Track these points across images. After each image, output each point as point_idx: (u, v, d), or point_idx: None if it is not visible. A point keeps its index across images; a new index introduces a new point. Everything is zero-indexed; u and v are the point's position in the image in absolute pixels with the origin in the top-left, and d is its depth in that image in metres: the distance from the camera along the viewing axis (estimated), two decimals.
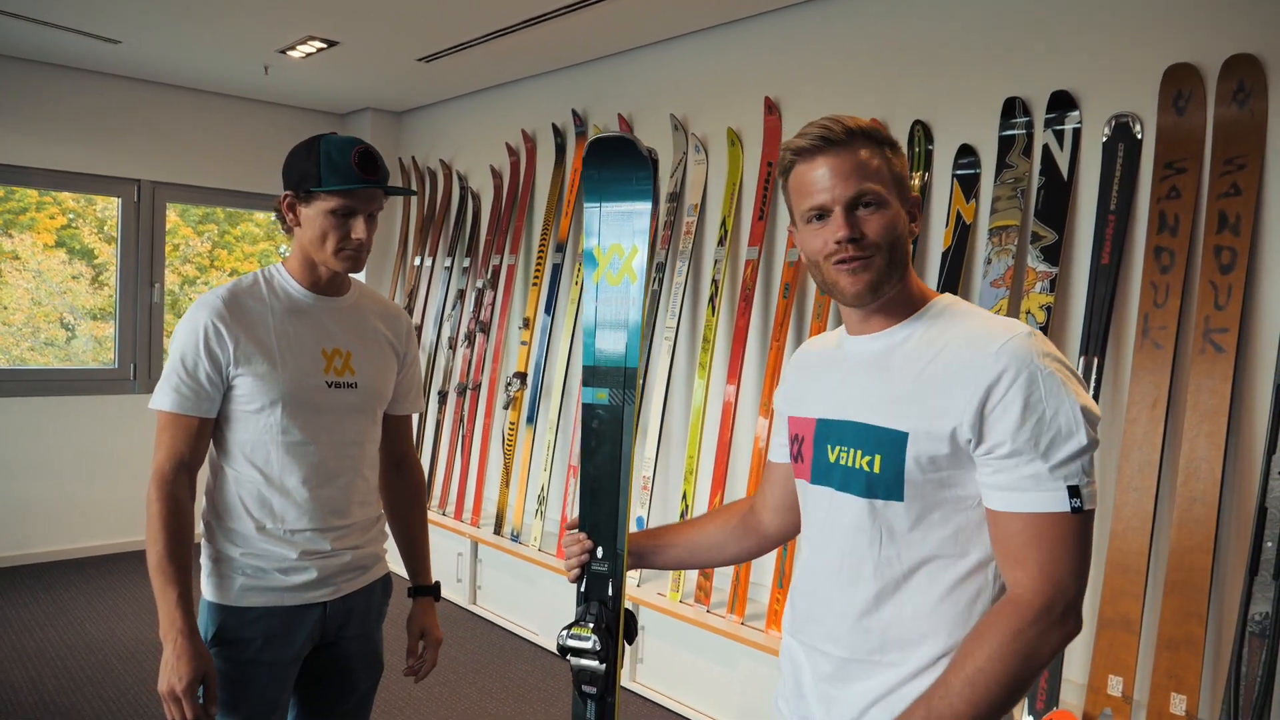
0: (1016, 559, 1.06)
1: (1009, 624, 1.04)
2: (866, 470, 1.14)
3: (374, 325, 1.74)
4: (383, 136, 5.59)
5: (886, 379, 1.14)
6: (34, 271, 5.21)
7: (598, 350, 1.40)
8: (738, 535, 1.45)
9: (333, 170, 1.55)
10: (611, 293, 1.39)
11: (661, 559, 1.46)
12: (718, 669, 3.11)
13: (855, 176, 1.13)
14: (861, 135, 1.14)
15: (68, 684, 3.32)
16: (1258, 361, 2.29)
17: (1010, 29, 2.81)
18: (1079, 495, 1.04)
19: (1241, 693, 2.15)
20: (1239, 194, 2.30)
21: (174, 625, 1.49)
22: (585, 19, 3.66)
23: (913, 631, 1.12)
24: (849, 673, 1.16)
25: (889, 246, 1.13)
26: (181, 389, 1.55)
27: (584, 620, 1.35)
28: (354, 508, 1.68)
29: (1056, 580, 1.05)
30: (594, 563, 1.37)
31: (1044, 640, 1.04)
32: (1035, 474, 1.04)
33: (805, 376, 1.30)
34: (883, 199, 1.13)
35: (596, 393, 1.39)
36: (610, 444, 1.37)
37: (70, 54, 4.52)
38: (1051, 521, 1.04)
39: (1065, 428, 1.04)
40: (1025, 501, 1.05)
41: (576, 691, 1.36)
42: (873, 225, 1.13)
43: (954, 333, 1.12)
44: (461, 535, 4.29)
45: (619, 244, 1.38)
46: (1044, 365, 1.05)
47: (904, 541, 1.13)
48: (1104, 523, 2.51)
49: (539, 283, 4.35)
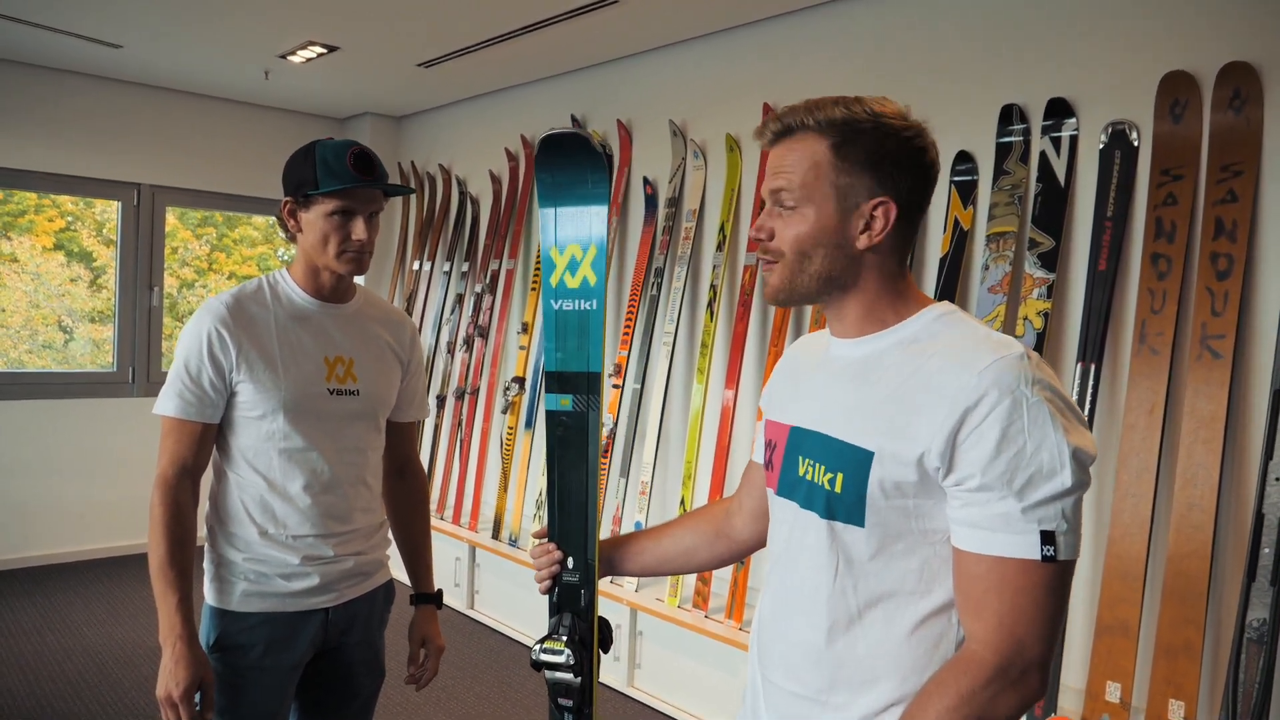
0: (976, 607, 0.95)
1: (959, 685, 0.94)
2: (827, 489, 1.04)
3: (377, 332, 1.74)
4: (382, 141, 5.60)
5: (862, 391, 1.04)
6: (32, 274, 5.21)
7: (560, 356, 1.35)
8: (709, 541, 1.37)
9: (329, 172, 1.56)
10: (571, 295, 1.34)
11: (630, 566, 1.39)
12: (716, 674, 3.12)
13: (782, 172, 1.05)
14: (808, 126, 1.03)
15: (65, 688, 3.31)
16: (1255, 368, 2.30)
17: (1008, 36, 2.82)
18: (1053, 543, 0.92)
19: (1239, 699, 2.16)
20: (1235, 201, 2.31)
21: (173, 630, 1.49)
22: (585, 25, 3.67)
23: (865, 673, 1.03)
24: (795, 711, 1.08)
25: (798, 255, 1.04)
26: (185, 395, 1.56)
27: (556, 633, 1.31)
28: (356, 514, 1.69)
29: (1017, 638, 0.93)
30: (564, 573, 1.33)
31: (997, 704, 0.93)
32: (1006, 513, 0.92)
33: (789, 379, 1.21)
34: (798, 202, 1.03)
35: (560, 399, 1.34)
36: (576, 451, 1.33)
37: (71, 58, 4.52)
38: (1018, 569, 0.92)
39: (1047, 466, 0.92)
40: (991, 543, 0.93)
41: (553, 705, 1.33)
42: (779, 229, 1.05)
43: (940, 347, 1.00)
44: (460, 540, 4.29)
45: (576, 244, 1.33)
46: (1031, 393, 0.93)
47: (861, 572, 1.02)
48: (1102, 529, 2.51)
49: (538, 287, 4.35)
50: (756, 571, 3.25)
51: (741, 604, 3.11)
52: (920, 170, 1.05)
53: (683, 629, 3.18)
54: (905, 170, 1.03)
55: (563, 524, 1.35)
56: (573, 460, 1.34)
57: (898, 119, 1.03)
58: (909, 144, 1.03)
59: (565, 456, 1.34)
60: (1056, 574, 0.93)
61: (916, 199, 1.05)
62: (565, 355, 1.34)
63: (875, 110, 1.03)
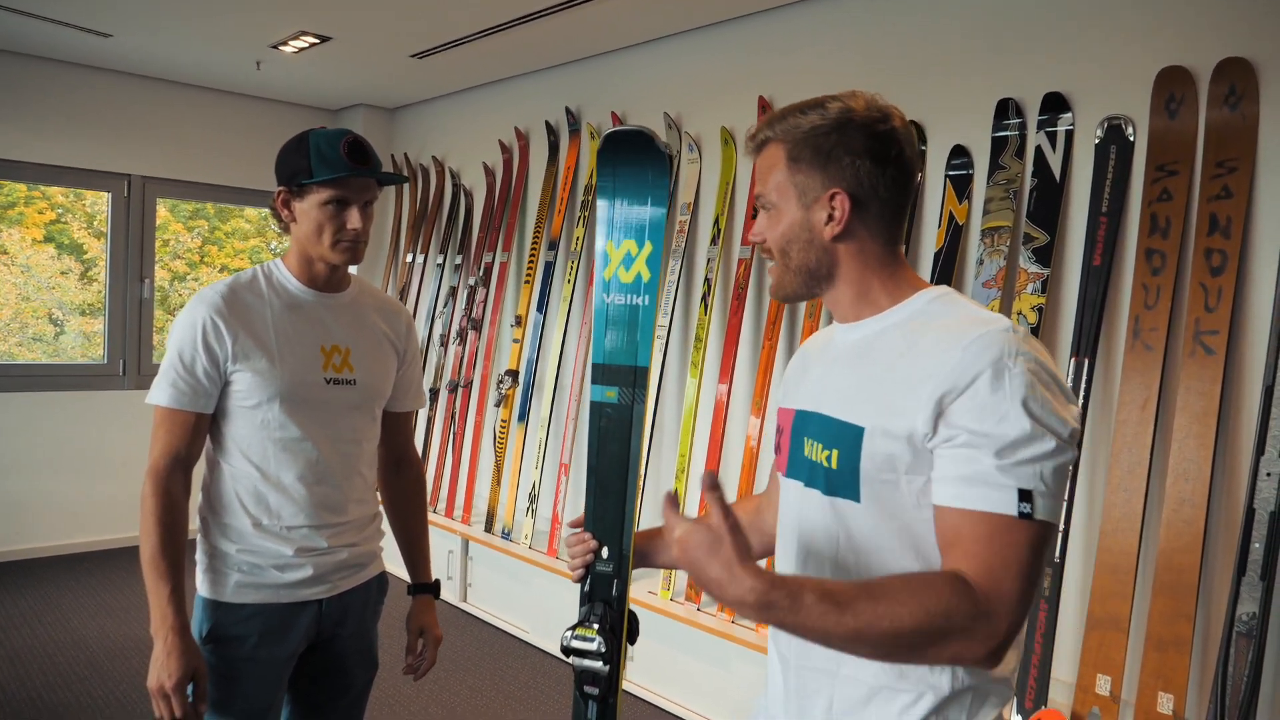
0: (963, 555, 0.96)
1: (947, 594, 0.93)
2: (825, 465, 1.09)
3: (373, 321, 1.73)
4: (375, 132, 5.57)
5: (859, 371, 1.09)
6: (22, 267, 5.18)
7: (608, 348, 1.37)
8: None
9: (323, 161, 1.55)
10: (623, 290, 1.36)
11: (663, 559, 1.42)
12: (709, 668, 3.12)
13: (758, 181, 1.15)
14: (770, 139, 1.13)
15: (55, 680, 3.30)
16: (1247, 364, 2.31)
17: (1003, 30, 2.82)
18: (1030, 501, 0.94)
19: (1228, 693, 2.17)
20: (1230, 197, 2.31)
21: (165, 621, 1.48)
22: (579, 17, 3.66)
23: None
24: (812, 685, 1.12)
25: (781, 252, 1.13)
26: (179, 384, 1.55)
27: (588, 621, 1.32)
28: (351, 505, 1.68)
29: (997, 581, 0.94)
30: (598, 563, 1.34)
31: (963, 630, 0.93)
32: (985, 470, 0.95)
33: (799, 369, 1.27)
34: (771, 205, 1.13)
35: (606, 391, 1.36)
36: (618, 443, 1.35)
37: (60, 48, 4.48)
38: (996, 524, 0.95)
39: (1028, 431, 0.95)
40: (969, 497, 0.96)
41: (578, 692, 1.34)
42: (766, 231, 1.14)
43: (934, 326, 1.05)
44: (452, 533, 4.28)
45: (632, 240, 1.36)
46: (1014, 363, 0.97)
47: (861, 546, 1.06)
48: (1093, 523, 2.52)
49: (531, 280, 4.35)
50: None
51: None
52: (882, 156, 1.08)
53: (676, 622, 3.19)
54: (865, 158, 1.08)
55: (600, 514, 1.36)
56: (615, 452, 1.35)
57: (862, 110, 1.08)
58: (869, 131, 1.08)
59: (607, 448, 1.36)
60: (1035, 533, 0.95)
61: (881, 184, 1.09)
62: (614, 348, 1.37)
63: (836, 107, 1.09)
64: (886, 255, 1.12)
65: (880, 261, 1.12)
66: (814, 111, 1.09)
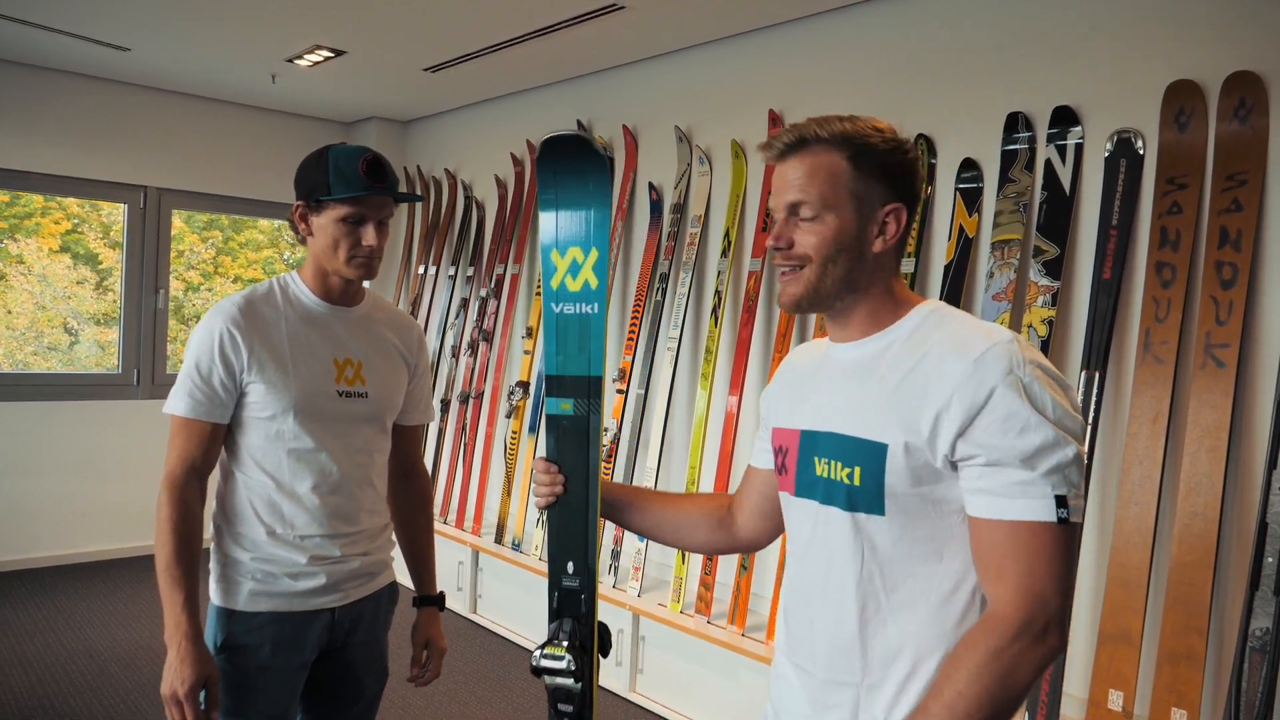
0: (997, 571, 1.02)
1: (987, 643, 1.00)
2: (847, 483, 1.10)
3: (385, 335, 1.75)
4: (388, 145, 5.61)
5: (867, 388, 1.11)
6: (38, 276, 5.23)
7: (559, 359, 1.34)
8: (710, 526, 1.40)
9: (341, 179, 1.57)
10: (572, 298, 1.33)
11: (629, 518, 1.42)
12: (718, 680, 3.11)
13: (797, 185, 1.12)
14: (822, 140, 1.12)
15: (67, 689, 3.32)
16: (1259, 376, 2.30)
17: (1013, 44, 2.83)
18: (1065, 506, 1.00)
19: (1242, 708, 2.16)
20: (1240, 210, 2.31)
21: (179, 628, 1.49)
22: (591, 31, 3.69)
23: (895, 651, 1.09)
24: (833, 699, 1.13)
25: (823, 260, 1.11)
26: (195, 394, 1.57)
27: (557, 639, 1.30)
28: (363, 515, 1.69)
29: (1037, 594, 1.00)
30: (565, 579, 1.33)
31: (1024, 658, 0.99)
32: (1021, 481, 1.00)
33: (791, 386, 1.27)
34: (818, 210, 1.11)
35: (561, 403, 1.33)
36: (577, 455, 1.32)
37: (79, 60, 4.55)
38: (1035, 531, 1.00)
39: (1051, 437, 1.00)
40: (1009, 509, 1.00)
41: (552, 710, 1.32)
42: (802, 236, 1.12)
43: (935, 340, 1.08)
44: (462, 544, 4.29)
45: (577, 247, 1.33)
46: (1027, 373, 1.01)
47: (886, 557, 1.09)
48: (1105, 537, 2.51)
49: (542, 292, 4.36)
50: (759, 578, 3.25)
51: (744, 609, 3.11)
52: (916, 181, 1.16)
53: (685, 634, 3.18)
54: (907, 180, 1.14)
55: (561, 528, 1.34)
56: (573, 465, 1.33)
57: (892, 134, 1.15)
58: (906, 156, 1.14)
59: (565, 461, 1.34)
60: (1069, 535, 1.01)
61: (914, 207, 1.16)
62: (565, 359, 1.34)
63: (876, 126, 1.14)
64: (896, 273, 1.17)
65: (894, 280, 1.16)
66: (862, 124, 1.13)
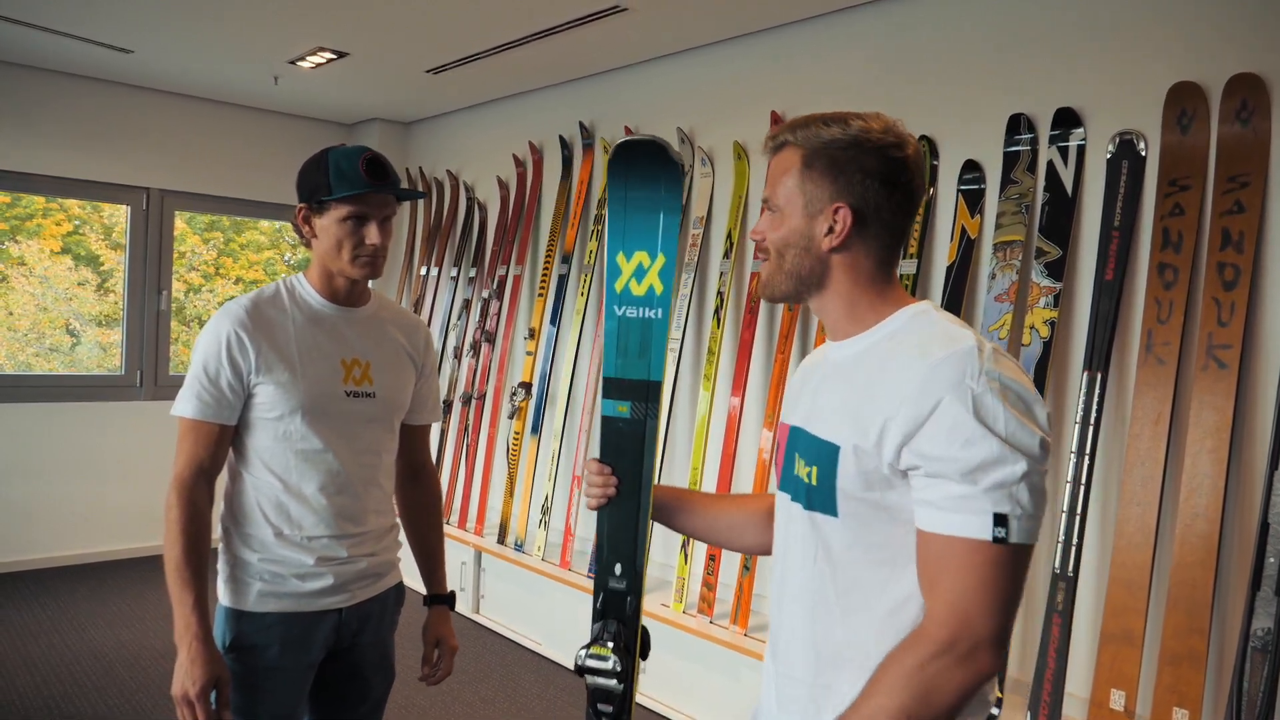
0: (930, 585, 1.01)
1: (909, 658, 0.99)
2: (807, 481, 1.11)
3: (392, 335, 1.76)
4: (390, 147, 5.62)
5: (842, 389, 1.11)
6: (40, 278, 5.24)
7: (619, 362, 1.34)
8: (760, 527, 1.38)
9: (342, 178, 1.58)
10: (635, 303, 1.33)
11: (682, 522, 1.41)
12: (721, 680, 3.12)
13: (768, 182, 1.17)
14: (791, 141, 1.15)
15: (72, 689, 3.32)
16: (1260, 378, 2.31)
17: (1016, 46, 2.84)
18: (1005, 525, 0.96)
19: (1244, 708, 2.16)
20: (1242, 211, 2.32)
21: (189, 629, 1.50)
22: (593, 33, 3.69)
23: (845, 656, 1.08)
24: (792, 694, 1.14)
25: (777, 254, 1.15)
26: (203, 396, 1.57)
27: (602, 639, 1.31)
28: (370, 516, 1.70)
29: (964, 614, 0.97)
30: (612, 580, 1.34)
31: (945, 678, 0.97)
32: (961, 495, 0.97)
33: (798, 382, 1.28)
34: (778, 207, 1.15)
35: (618, 405, 1.33)
36: (631, 459, 1.32)
37: (81, 62, 4.55)
38: (972, 549, 0.97)
39: (996, 453, 0.96)
40: (946, 523, 0.98)
41: (591, 710, 1.33)
42: (768, 230, 1.16)
43: (907, 343, 1.07)
44: (465, 544, 4.30)
45: (644, 252, 1.33)
46: (980, 384, 0.98)
47: (838, 559, 1.09)
48: (1107, 538, 2.52)
49: (545, 294, 4.38)
50: (761, 578, 3.26)
51: (747, 609, 3.12)
52: (892, 180, 1.11)
53: (688, 634, 3.19)
54: (875, 178, 1.10)
55: (612, 531, 1.34)
56: (628, 467, 1.32)
57: (880, 132, 1.11)
58: (884, 154, 1.10)
59: (619, 463, 1.33)
60: (1008, 555, 0.97)
61: (886, 206, 1.11)
62: (625, 362, 1.33)
63: (857, 125, 1.11)
64: (878, 274, 1.14)
65: (870, 279, 1.14)
66: (835, 125, 1.11)
